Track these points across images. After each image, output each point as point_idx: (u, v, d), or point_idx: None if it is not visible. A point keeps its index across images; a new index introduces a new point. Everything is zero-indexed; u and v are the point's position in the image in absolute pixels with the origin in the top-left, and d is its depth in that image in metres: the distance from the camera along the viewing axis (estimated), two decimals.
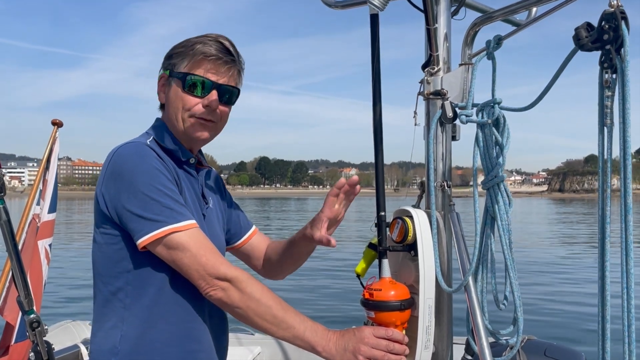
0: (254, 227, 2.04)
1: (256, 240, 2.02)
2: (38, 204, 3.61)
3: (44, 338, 2.27)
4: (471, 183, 1.71)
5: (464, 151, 1.92)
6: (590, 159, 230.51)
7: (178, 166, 1.69)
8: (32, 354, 2.31)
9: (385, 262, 1.66)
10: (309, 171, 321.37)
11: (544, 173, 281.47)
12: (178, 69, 1.64)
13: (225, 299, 1.51)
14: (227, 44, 1.65)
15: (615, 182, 1.48)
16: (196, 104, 1.63)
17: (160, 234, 1.49)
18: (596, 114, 1.46)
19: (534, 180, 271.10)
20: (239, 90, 1.72)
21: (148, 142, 1.63)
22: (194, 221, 1.54)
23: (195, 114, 1.64)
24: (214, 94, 1.63)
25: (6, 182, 2.28)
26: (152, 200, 1.50)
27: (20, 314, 3.23)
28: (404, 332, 1.57)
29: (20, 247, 3.38)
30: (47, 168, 3.66)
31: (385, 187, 2.09)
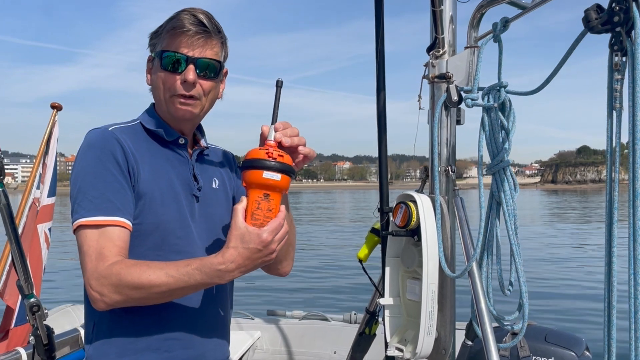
0: None
1: None
2: (38, 187, 3.59)
3: (44, 322, 2.26)
4: (465, 175, 1.69)
5: (458, 141, 1.90)
6: (582, 150, 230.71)
7: (164, 147, 1.65)
8: (31, 337, 2.30)
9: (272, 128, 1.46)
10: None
11: (536, 165, 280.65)
12: (157, 48, 1.61)
13: (108, 303, 1.47)
14: (201, 16, 1.59)
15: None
16: (175, 81, 1.59)
17: (75, 225, 1.49)
18: (590, 105, 1.46)
19: (527, 172, 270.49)
20: (220, 63, 1.65)
21: (118, 126, 1.61)
22: (112, 218, 1.48)
23: (175, 92, 1.59)
24: (190, 69, 1.58)
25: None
26: (79, 190, 1.51)
27: (20, 297, 3.23)
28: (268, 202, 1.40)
29: (20, 231, 3.36)
30: (46, 152, 3.63)
31: None
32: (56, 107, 3.66)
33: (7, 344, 3.29)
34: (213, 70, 1.63)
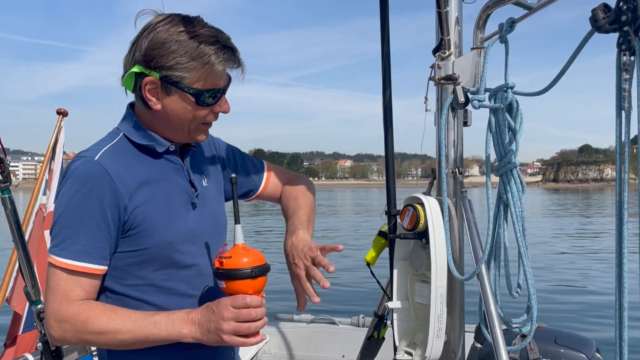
0: (265, 176, 1.94)
1: (270, 188, 1.95)
2: (44, 194, 3.60)
3: None
4: (467, 173, 1.68)
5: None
6: (584, 149, 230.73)
7: (156, 158, 1.60)
8: (39, 344, 2.30)
9: (238, 227, 1.51)
10: (304, 163, 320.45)
11: (538, 163, 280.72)
12: (185, 82, 1.49)
13: (62, 343, 1.57)
14: (231, 43, 1.54)
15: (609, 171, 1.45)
16: (208, 113, 1.57)
17: (48, 258, 1.50)
18: (592, 104, 1.43)
19: (529, 171, 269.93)
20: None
21: (104, 149, 1.53)
22: (82, 264, 1.47)
23: (206, 121, 1.59)
24: (223, 100, 1.58)
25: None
26: (56, 222, 1.49)
27: (27, 304, 3.23)
28: (262, 300, 1.49)
29: (27, 238, 3.37)
30: (52, 158, 3.64)
31: (380, 178, 2.07)
32: (62, 113, 3.67)
33: (15, 350, 3.29)
34: None
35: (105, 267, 1.51)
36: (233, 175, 1.57)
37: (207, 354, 1.62)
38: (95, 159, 1.50)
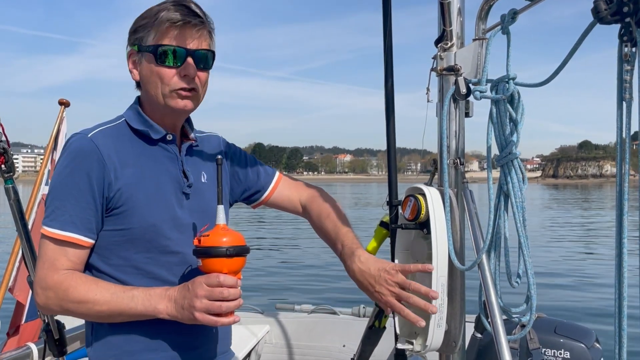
0: (275, 179, 1.94)
1: (279, 193, 1.94)
2: (47, 184, 3.61)
3: (55, 317, 2.27)
4: (467, 169, 1.70)
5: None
6: (583, 145, 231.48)
7: (151, 145, 1.63)
8: (43, 333, 2.31)
9: (221, 208, 1.53)
10: (304, 157, 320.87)
11: (537, 159, 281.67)
12: (146, 42, 1.56)
13: (46, 311, 1.57)
14: (192, 5, 1.58)
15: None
16: (173, 75, 1.56)
17: (41, 230, 1.54)
18: (592, 100, 1.44)
19: (528, 166, 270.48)
20: (214, 53, 1.64)
21: (101, 129, 1.59)
22: (68, 234, 1.51)
23: (176, 87, 1.57)
24: (189, 62, 1.56)
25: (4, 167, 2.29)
26: (49, 194, 1.55)
27: (30, 293, 3.25)
28: (237, 281, 1.48)
29: (29, 227, 3.39)
30: (54, 148, 3.65)
31: (380, 173, 2.08)
32: (64, 104, 3.68)
33: (18, 339, 3.31)
34: (209, 61, 1.63)
35: (91, 240, 1.54)
36: (219, 156, 1.57)
37: (188, 342, 1.63)
38: (89, 135, 1.55)
